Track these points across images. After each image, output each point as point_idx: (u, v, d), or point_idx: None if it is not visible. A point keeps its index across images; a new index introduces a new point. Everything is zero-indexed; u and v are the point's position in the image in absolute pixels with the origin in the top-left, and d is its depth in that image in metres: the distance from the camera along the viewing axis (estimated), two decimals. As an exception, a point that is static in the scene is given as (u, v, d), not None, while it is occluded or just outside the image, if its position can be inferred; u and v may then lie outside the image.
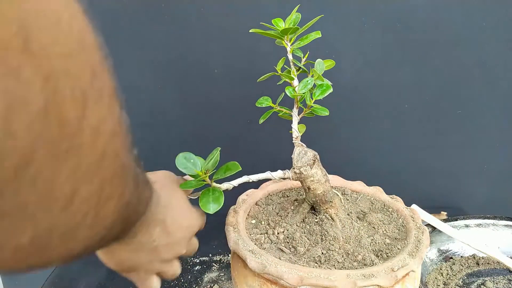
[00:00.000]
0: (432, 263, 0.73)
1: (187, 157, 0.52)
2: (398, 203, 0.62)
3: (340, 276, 0.45)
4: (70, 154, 0.22)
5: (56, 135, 0.21)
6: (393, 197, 0.64)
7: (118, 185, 0.27)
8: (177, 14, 0.82)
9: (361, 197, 0.64)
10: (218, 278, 0.74)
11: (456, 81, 0.88)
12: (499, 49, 0.85)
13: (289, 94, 0.55)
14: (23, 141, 0.19)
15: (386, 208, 0.62)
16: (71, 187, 0.22)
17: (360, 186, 0.66)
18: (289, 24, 0.55)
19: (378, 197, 0.64)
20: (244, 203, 0.61)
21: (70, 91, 0.21)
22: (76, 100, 0.22)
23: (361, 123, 0.92)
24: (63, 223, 0.23)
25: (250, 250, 0.50)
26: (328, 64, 0.58)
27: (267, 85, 0.62)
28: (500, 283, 0.69)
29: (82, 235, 0.25)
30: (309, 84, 0.54)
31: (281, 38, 0.55)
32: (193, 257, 0.81)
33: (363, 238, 0.54)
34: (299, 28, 0.54)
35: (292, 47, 0.56)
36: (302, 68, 0.58)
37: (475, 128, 0.92)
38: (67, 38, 0.22)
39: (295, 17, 0.55)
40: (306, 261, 0.50)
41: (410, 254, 0.50)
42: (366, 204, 0.63)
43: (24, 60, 0.19)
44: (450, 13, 0.82)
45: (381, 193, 0.64)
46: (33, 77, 0.19)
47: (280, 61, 0.58)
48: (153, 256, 0.44)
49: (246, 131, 0.92)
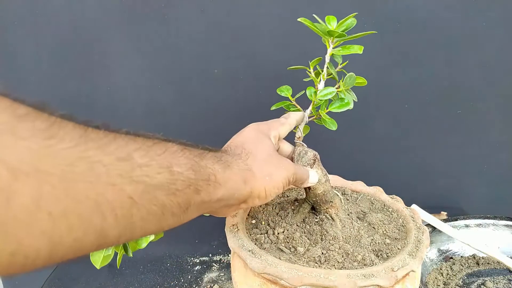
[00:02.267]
0: (432, 263, 0.73)
1: None
2: (398, 203, 0.62)
3: (340, 276, 0.45)
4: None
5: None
6: (393, 197, 0.64)
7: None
8: (177, 14, 0.82)
9: (361, 197, 0.64)
10: (218, 278, 0.74)
11: (456, 81, 0.88)
12: (499, 49, 0.85)
13: (309, 95, 0.55)
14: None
15: (386, 208, 0.62)
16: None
17: (360, 186, 0.66)
18: (341, 26, 0.54)
19: (378, 197, 0.64)
20: (244, 203, 0.61)
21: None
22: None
23: (361, 123, 0.92)
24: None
25: (250, 250, 0.50)
26: (360, 81, 0.57)
27: (268, 85, 0.62)
28: (500, 283, 0.69)
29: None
30: (331, 94, 0.53)
31: (326, 38, 0.54)
32: (193, 257, 0.81)
33: (363, 238, 0.54)
34: (346, 35, 0.53)
35: (332, 52, 0.55)
36: (333, 75, 0.56)
37: (475, 128, 0.92)
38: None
39: (350, 21, 0.54)
40: (306, 261, 0.50)
41: (410, 254, 0.50)
42: (366, 204, 0.63)
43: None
44: (450, 13, 0.82)
45: (381, 193, 0.64)
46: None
47: (315, 60, 0.57)
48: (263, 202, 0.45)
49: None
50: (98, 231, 0.25)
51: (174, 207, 0.31)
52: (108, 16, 0.82)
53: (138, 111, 0.90)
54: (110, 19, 0.82)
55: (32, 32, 0.83)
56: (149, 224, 0.30)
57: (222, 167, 0.39)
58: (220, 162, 0.39)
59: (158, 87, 0.88)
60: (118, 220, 0.26)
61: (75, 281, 0.75)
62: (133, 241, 0.49)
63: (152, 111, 0.90)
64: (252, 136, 0.48)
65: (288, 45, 0.85)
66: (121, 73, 0.87)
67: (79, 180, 0.24)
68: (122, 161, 0.27)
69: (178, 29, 0.83)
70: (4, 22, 0.82)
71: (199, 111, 0.90)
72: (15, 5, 0.81)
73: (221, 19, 0.83)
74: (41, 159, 0.22)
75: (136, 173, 0.28)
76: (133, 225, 0.28)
